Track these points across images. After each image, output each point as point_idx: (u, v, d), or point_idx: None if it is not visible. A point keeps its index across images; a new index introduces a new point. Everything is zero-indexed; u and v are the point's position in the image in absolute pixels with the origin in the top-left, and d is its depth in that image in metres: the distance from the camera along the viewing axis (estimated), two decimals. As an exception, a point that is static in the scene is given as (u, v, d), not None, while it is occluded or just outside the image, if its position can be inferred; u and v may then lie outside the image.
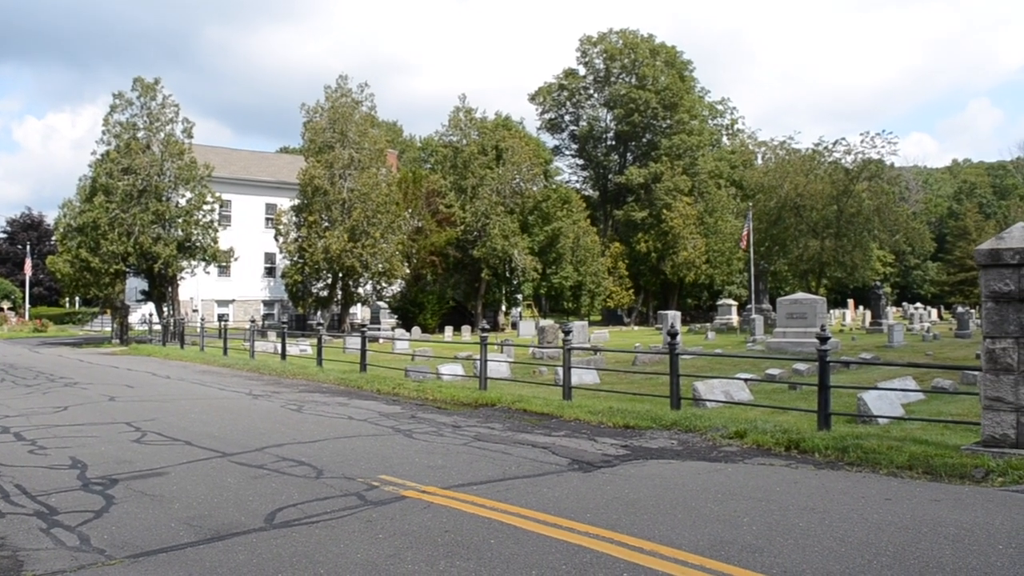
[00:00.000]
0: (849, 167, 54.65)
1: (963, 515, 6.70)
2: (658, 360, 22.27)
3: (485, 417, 13.10)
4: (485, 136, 57.22)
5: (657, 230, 65.90)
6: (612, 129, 74.66)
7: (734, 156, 75.45)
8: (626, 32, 72.70)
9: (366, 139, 46.32)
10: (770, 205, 54.78)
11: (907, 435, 10.23)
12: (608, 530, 6.26)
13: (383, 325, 43.10)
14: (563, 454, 9.68)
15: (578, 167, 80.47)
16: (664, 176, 66.18)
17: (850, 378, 18.29)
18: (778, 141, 61.15)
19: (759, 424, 10.83)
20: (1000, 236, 9.04)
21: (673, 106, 70.02)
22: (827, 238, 54.47)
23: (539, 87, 76.47)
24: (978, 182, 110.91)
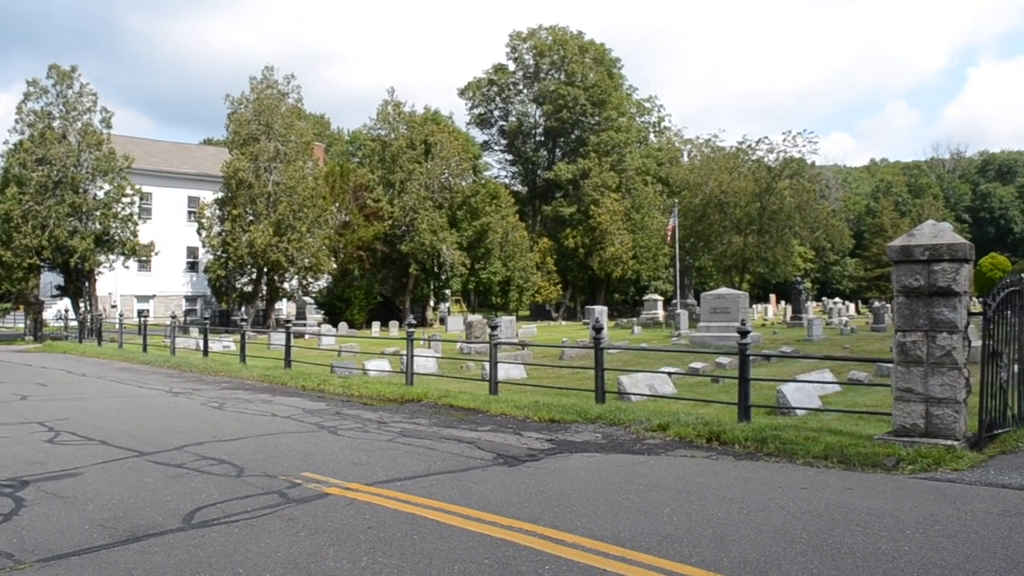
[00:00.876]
0: (772, 165, 55.90)
1: (875, 502, 6.94)
2: (584, 355, 22.47)
3: (411, 413, 13.06)
4: (414, 130, 56.86)
5: (585, 226, 66.44)
6: (541, 125, 74.93)
7: (661, 153, 76.51)
8: (556, 28, 73.02)
9: (292, 131, 45.62)
10: (695, 202, 55.73)
11: (823, 426, 10.55)
12: (531, 523, 6.31)
13: (309, 321, 42.61)
14: (488, 449, 9.71)
15: (507, 162, 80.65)
16: (592, 172, 66.72)
17: (771, 371, 18.75)
18: (703, 139, 62.35)
19: (682, 417, 11.03)
20: (911, 233, 9.37)
21: (601, 103, 70.63)
22: (750, 234, 55.65)
23: (468, 82, 76.33)
24: (894, 181, 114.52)
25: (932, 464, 8.23)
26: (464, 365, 20.89)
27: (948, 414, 8.81)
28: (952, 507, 6.76)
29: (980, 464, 8.33)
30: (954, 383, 8.79)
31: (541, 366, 20.62)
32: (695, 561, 5.37)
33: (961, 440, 8.78)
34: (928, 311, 8.92)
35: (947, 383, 8.80)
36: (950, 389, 8.80)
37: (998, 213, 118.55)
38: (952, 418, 8.80)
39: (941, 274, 8.82)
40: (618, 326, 46.79)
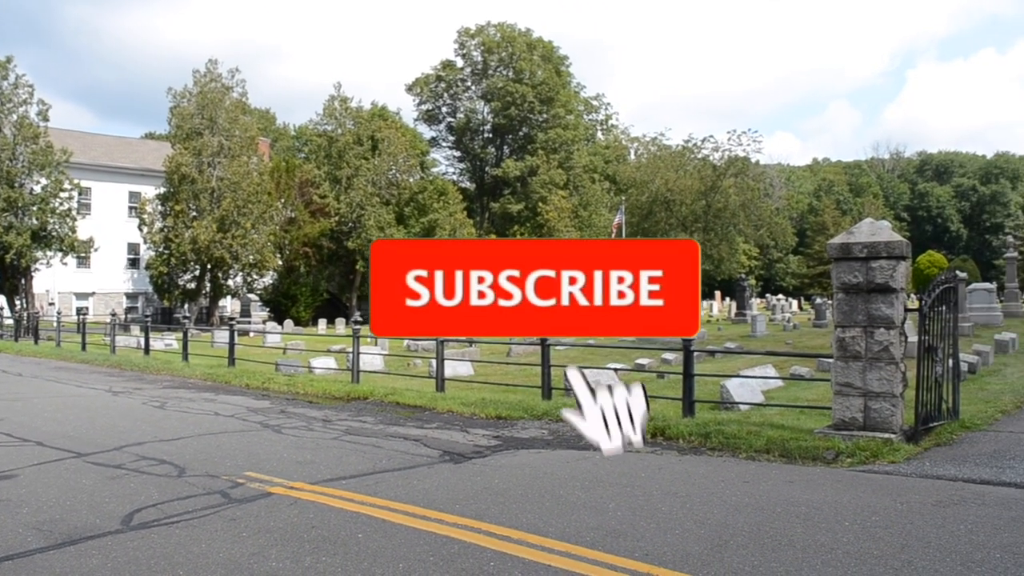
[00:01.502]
0: (717, 164, 56.67)
1: (814, 495, 7.08)
2: (531, 351, 22.50)
3: (357, 410, 12.97)
4: (361, 126, 56.40)
5: (533, 223, 66.54)
6: (489, 122, 74.85)
7: (608, 151, 77.05)
8: (504, 25, 72.99)
9: (237, 126, 44.96)
10: (642, 199, 56.32)
11: (766, 420, 10.72)
12: (477, 520, 6.31)
13: (254, 318, 42.03)
14: (435, 446, 9.69)
15: (455, 159, 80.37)
16: (540, 169, 66.88)
17: (715, 367, 18.98)
18: (650, 137, 62.99)
19: (627, 413, 11.10)
20: (851, 231, 9.57)
21: (549, 100, 70.80)
22: (696, 232, 56.35)
23: (416, 78, 75.88)
24: (836, 180, 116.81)
25: (870, 457, 8.41)
26: (411, 362, 20.80)
27: (886, 408, 9.02)
28: (889, 499, 6.92)
29: (916, 456, 8.54)
30: (891, 377, 9.00)
31: (489, 363, 20.62)
32: (639, 555, 5.42)
33: (898, 433, 9.00)
34: (867, 307, 9.12)
35: (885, 377, 9.01)
36: (887, 383, 9.01)
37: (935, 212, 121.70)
38: (889, 412, 9.01)
39: (879, 271, 9.02)
40: (566, 323, 46.95)
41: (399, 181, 56.66)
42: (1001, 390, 13.83)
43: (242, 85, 46.92)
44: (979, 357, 17.72)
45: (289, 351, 24.42)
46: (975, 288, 35.96)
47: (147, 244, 46.75)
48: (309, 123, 65.92)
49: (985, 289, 36.69)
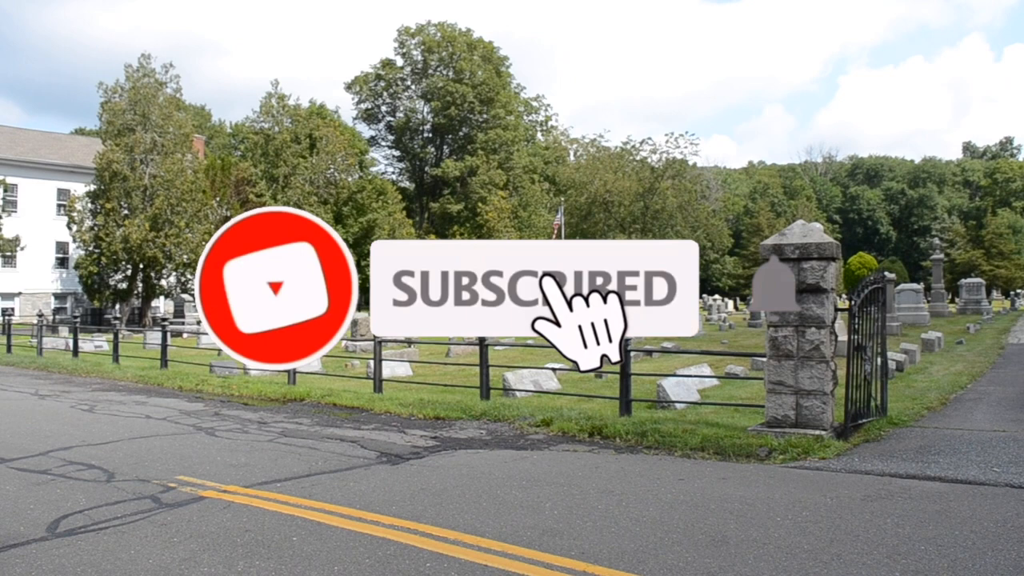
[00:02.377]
0: (655, 166, 57.31)
1: (748, 491, 7.19)
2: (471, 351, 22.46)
3: (293, 412, 12.80)
4: (299, 124, 55.76)
5: (473, 223, 66.55)
6: (429, 121, 74.64)
7: (548, 152, 77.31)
8: (444, 25, 72.85)
9: (171, 123, 43.98)
10: (581, 200, 56.66)
11: (701, 419, 10.87)
12: (414, 521, 6.27)
13: (188, 319, 41.19)
14: (372, 447, 9.61)
15: (394, 158, 79.96)
16: (480, 170, 66.91)
17: (652, 366, 19.18)
18: (589, 139, 63.41)
19: (565, 412, 11.18)
20: (783, 233, 9.75)
21: (490, 101, 70.88)
22: (634, 233, 56.89)
23: (356, 76, 75.34)
24: (771, 183, 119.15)
25: (802, 453, 8.58)
26: (349, 363, 20.61)
27: (817, 405, 9.22)
28: (819, 494, 7.06)
29: (846, 452, 8.74)
30: (822, 376, 9.20)
31: (428, 363, 20.54)
32: (575, 554, 5.45)
33: (829, 430, 9.20)
34: (798, 307, 9.30)
35: (816, 376, 9.21)
36: (818, 381, 9.21)
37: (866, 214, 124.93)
38: (820, 409, 9.21)
39: (810, 272, 9.22)
40: (505, 323, 47.04)
41: (337, 180, 56.14)
42: (927, 387, 14.25)
43: (176, 81, 45.94)
44: (906, 355, 18.23)
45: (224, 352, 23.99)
46: (903, 289, 37.02)
47: (76, 243, 45.46)
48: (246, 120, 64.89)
49: (913, 290, 37.79)
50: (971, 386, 14.93)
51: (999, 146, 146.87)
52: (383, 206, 61.23)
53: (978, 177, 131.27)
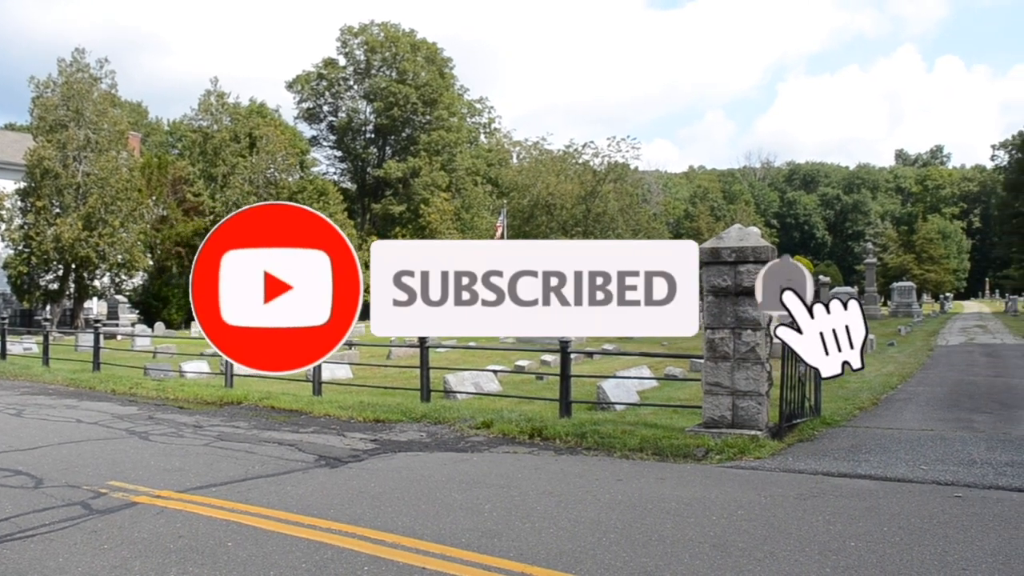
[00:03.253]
0: (597, 169, 57.70)
1: (684, 491, 7.29)
2: (412, 354, 22.38)
3: (230, 415, 12.60)
4: (238, 123, 54.87)
5: (415, 224, 66.19)
6: (371, 122, 74.02)
7: (491, 154, 77.29)
8: (388, 25, 72.33)
9: (105, 119, 42.95)
10: (524, 203, 56.78)
11: (640, 420, 10.98)
12: (352, 525, 6.23)
13: (122, 321, 40.25)
14: (310, 451, 9.50)
15: (336, 159, 79.04)
16: (423, 171, 66.59)
17: (593, 368, 19.33)
18: (532, 141, 63.55)
19: (506, 414, 11.20)
20: (720, 236, 9.91)
21: (433, 102, 70.57)
22: (576, 236, 57.16)
23: (297, 75, 74.28)
24: (711, 187, 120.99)
25: (738, 453, 8.73)
26: (289, 365, 20.33)
27: (752, 406, 9.38)
28: (754, 493, 7.19)
29: (780, 452, 8.91)
30: (758, 377, 9.37)
31: (368, 366, 20.39)
32: (514, 555, 5.46)
33: (764, 430, 9.37)
34: (735, 310, 9.46)
35: (751, 377, 9.37)
36: (754, 383, 9.37)
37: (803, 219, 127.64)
38: (756, 410, 9.38)
39: (746, 275, 9.37)
40: (448, 325, 46.96)
41: (278, 180, 55.32)
42: (859, 388, 14.59)
43: (112, 76, 44.93)
44: (839, 357, 18.62)
45: (159, 355, 23.51)
46: (837, 292, 37.87)
47: (5, 242, 44.10)
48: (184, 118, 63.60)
49: (847, 293, 38.68)
50: (901, 386, 15.34)
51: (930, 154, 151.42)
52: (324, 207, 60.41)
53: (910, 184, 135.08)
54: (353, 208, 73.10)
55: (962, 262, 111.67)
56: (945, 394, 14.14)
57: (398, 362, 21.21)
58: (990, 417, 11.52)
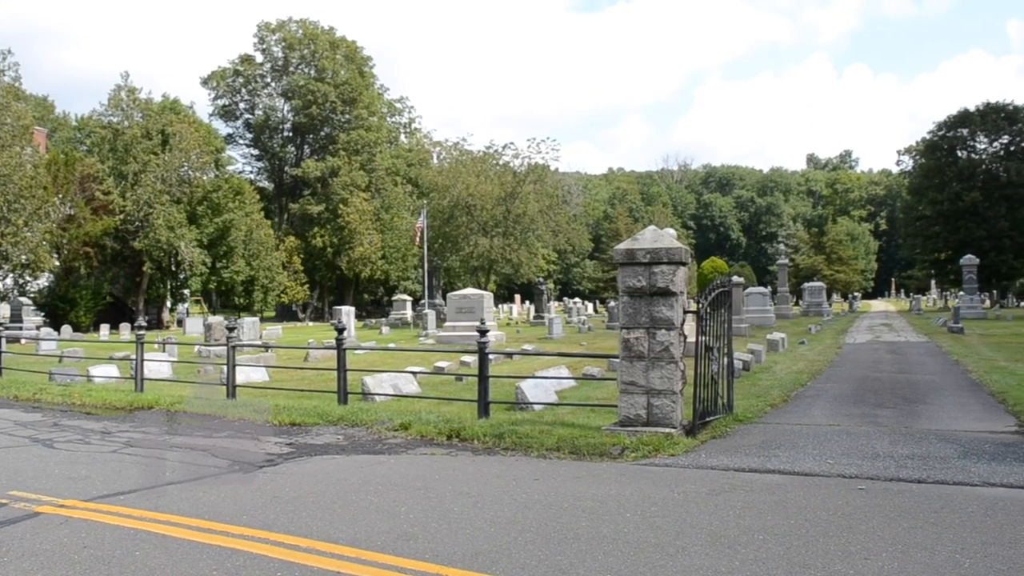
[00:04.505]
0: (517, 170, 57.89)
1: (600, 489, 7.38)
2: (330, 356, 22.09)
3: (140, 421, 12.25)
4: (150, 119, 53.41)
5: (334, 225, 65.43)
6: (289, 120, 72.84)
7: (411, 154, 76.84)
8: (306, 22, 71.28)
9: (8, 114, 41.35)
10: (444, 204, 56.56)
11: (558, 419, 11.06)
12: (265, 530, 6.12)
13: (26, 324, 38.77)
14: (223, 456, 9.31)
15: (253, 157, 77.55)
16: (341, 171, 65.82)
17: (512, 368, 19.39)
18: (453, 142, 63.40)
19: (424, 415, 11.16)
20: (635, 238, 10.06)
21: (352, 101, 69.82)
22: (496, 237, 57.31)
23: (213, 71, 72.58)
24: (629, 189, 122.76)
25: (652, 451, 8.87)
26: (202, 369, 19.88)
27: (667, 404, 9.55)
28: (668, 489, 7.32)
29: (694, 449, 9.09)
30: (672, 375, 9.54)
31: (285, 368, 20.04)
32: (429, 556, 5.45)
33: (678, 428, 9.55)
34: (649, 310, 9.62)
35: (666, 376, 9.54)
36: (668, 381, 9.54)
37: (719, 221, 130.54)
38: (670, 408, 9.55)
39: (660, 276, 9.54)
40: (367, 326, 46.54)
41: (191, 178, 54.06)
42: (771, 385, 15.00)
43: (15, 69, 43.40)
44: (753, 355, 19.12)
45: (66, 359, 22.69)
46: (751, 292, 38.87)
47: (-102, 242, 42.11)
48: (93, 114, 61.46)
49: (760, 293, 39.75)
50: (811, 383, 15.82)
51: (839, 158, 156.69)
52: (240, 206, 59.31)
53: (820, 187, 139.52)
54: (270, 207, 71.89)
55: (869, 263, 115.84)
56: (852, 390, 14.62)
57: (316, 364, 20.91)
58: (893, 412, 11.97)
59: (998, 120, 61.91)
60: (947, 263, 61.46)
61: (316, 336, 37.13)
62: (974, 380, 16.02)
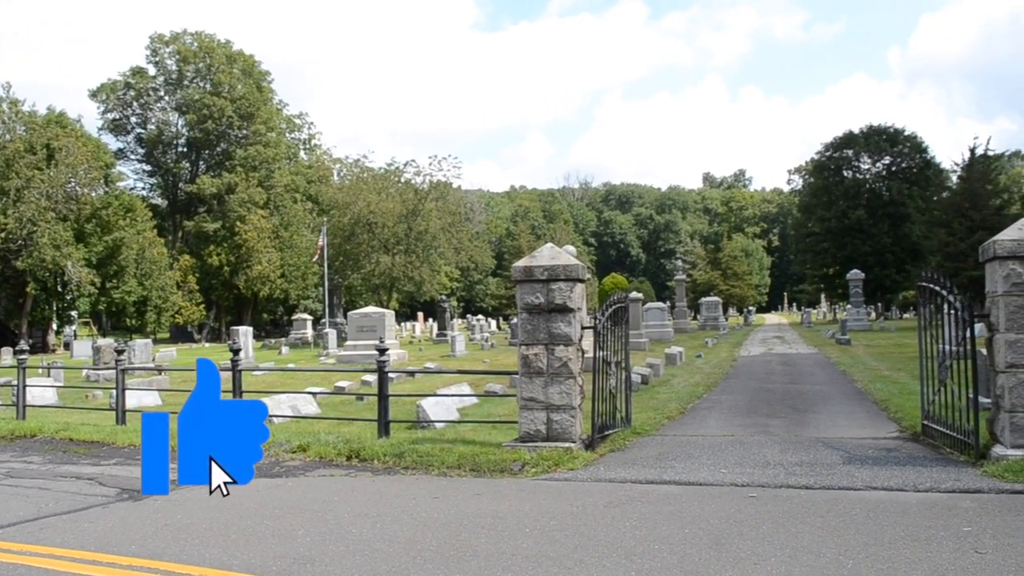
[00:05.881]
0: (419, 188, 57.71)
1: (500, 505, 7.40)
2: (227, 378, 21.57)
3: (22, 450, 11.69)
4: (34, 133, 51.18)
5: (231, 243, 63.86)
6: (184, 135, 70.84)
7: (311, 171, 75.72)
8: (201, 35, 69.57)
9: None
10: (344, 221, 55.89)
11: (459, 437, 11.06)
12: (155, 560, 5.94)
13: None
14: (112, 484, 8.96)
15: (145, 173, 75.02)
16: (239, 187, 64.36)
17: (414, 387, 19.29)
18: (353, 159, 62.79)
19: (323, 436, 10.99)
20: (533, 255, 10.17)
21: (250, 116, 68.41)
22: (398, 254, 56.90)
23: (102, 83, 69.96)
24: (531, 206, 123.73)
25: (552, 466, 8.95)
26: (91, 394, 19.13)
27: (566, 419, 9.66)
28: (566, 503, 7.40)
29: (593, 463, 9.22)
30: (570, 391, 9.66)
31: (179, 392, 19.39)
32: (326, 580, 5.37)
33: (577, 442, 9.67)
34: (548, 326, 9.73)
35: (564, 391, 9.65)
36: (567, 396, 9.66)
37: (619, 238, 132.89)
38: (569, 423, 9.66)
39: (558, 292, 9.67)
40: (266, 347, 45.51)
41: (79, 195, 51.93)
42: (669, 398, 15.34)
43: None
44: (651, 369, 19.52)
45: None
46: (650, 307, 39.67)
47: None
48: (-30, 128, 58.55)
49: (659, 308, 40.59)
50: (707, 396, 16.24)
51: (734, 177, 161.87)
52: (132, 224, 57.33)
53: (716, 205, 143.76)
54: (164, 225, 69.76)
55: (763, 278, 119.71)
56: (745, 401, 15.08)
57: (212, 386, 20.35)
58: (784, 421, 12.40)
59: (880, 142, 65.08)
60: (835, 278, 64.01)
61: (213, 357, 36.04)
62: (859, 389, 16.74)
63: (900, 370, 19.65)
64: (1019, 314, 8.44)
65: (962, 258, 42.80)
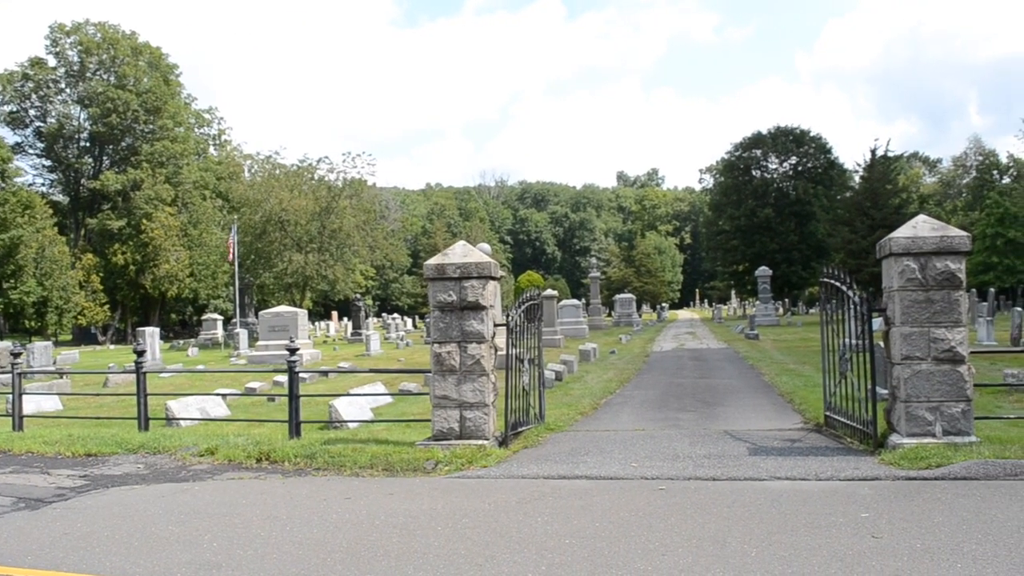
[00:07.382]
0: (333, 185, 56.91)
1: (412, 504, 7.37)
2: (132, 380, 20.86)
3: (-91, 458, 11.11)
4: (-78, 127, 48.79)
5: (136, 241, 61.97)
6: (87, 129, 68.39)
7: (221, 167, 73.98)
8: (105, 26, 67.23)
9: None
10: (256, 219, 54.72)
11: (373, 436, 10.98)
12: (53, 570, 5.74)
13: None
14: (8, 493, 8.60)
15: (45, 168, 72.14)
16: (145, 184, 62.51)
17: (328, 387, 19.06)
18: (265, 155, 61.57)
19: (232, 439, 10.77)
20: (445, 253, 10.16)
21: (156, 110, 66.46)
22: (311, 253, 56.04)
23: (-3, 74, 67.19)
24: (447, 204, 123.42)
25: (465, 463, 8.96)
26: (-15, 399, 18.30)
27: (479, 417, 9.68)
28: (479, 501, 7.42)
29: (506, 459, 9.26)
30: (483, 388, 9.69)
31: (82, 395, 18.78)
32: (233, 585, 5.26)
33: (491, 439, 9.70)
34: (460, 324, 9.73)
35: (477, 389, 9.67)
36: (480, 394, 9.68)
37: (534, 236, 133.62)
38: (482, 420, 9.69)
39: (471, 290, 9.68)
40: (174, 348, 44.31)
41: (-27, 192, 49.72)
42: (582, 394, 15.52)
43: None
44: (566, 366, 19.70)
45: None
46: (565, 304, 40.01)
47: None
48: None
49: (573, 305, 40.98)
50: (620, 391, 16.49)
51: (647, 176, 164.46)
52: (30, 221, 55.14)
53: (630, 203, 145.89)
54: (65, 223, 67.31)
55: (676, 275, 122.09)
56: (657, 396, 15.36)
57: (115, 390, 19.74)
58: (694, 415, 12.68)
59: (787, 142, 67.09)
60: (745, 274, 65.76)
61: (118, 360, 34.99)
62: (767, 382, 17.23)
63: (805, 363, 20.30)
64: (914, 308, 8.81)
65: (864, 255, 44.51)
